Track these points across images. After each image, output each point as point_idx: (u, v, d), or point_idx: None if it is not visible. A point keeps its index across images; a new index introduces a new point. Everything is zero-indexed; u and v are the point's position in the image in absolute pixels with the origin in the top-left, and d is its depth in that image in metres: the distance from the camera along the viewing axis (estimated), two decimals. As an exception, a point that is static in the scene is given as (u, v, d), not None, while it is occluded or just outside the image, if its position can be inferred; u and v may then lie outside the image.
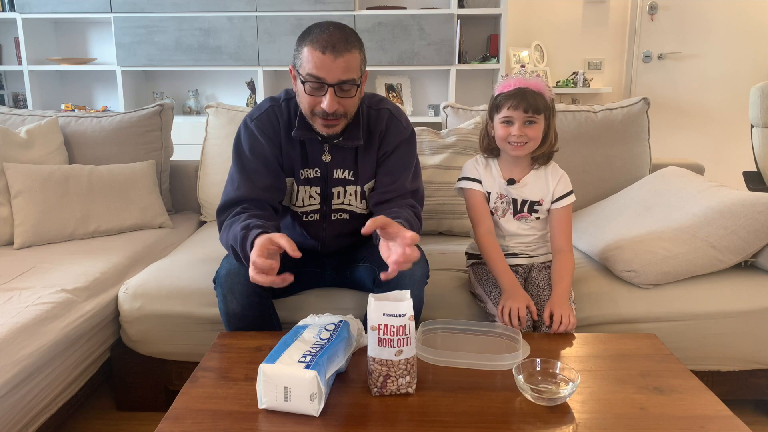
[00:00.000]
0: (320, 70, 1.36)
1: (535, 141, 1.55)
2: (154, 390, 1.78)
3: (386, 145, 1.55)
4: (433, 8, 3.64)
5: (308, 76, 1.38)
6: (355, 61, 1.39)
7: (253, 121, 1.53)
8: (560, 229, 1.62)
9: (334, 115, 1.41)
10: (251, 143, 1.52)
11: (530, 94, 1.51)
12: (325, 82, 1.37)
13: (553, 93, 1.58)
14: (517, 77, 1.54)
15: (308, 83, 1.39)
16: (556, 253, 1.62)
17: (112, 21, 3.59)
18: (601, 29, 4.05)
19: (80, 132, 2.32)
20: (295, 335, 1.19)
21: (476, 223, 1.64)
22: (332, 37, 1.36)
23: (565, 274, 1.56)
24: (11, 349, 1.35)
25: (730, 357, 1.70)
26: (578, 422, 1.06)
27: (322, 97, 1.39)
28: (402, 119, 1.58)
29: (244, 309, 1.46)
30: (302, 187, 1.56)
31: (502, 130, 1.55)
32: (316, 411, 1.07)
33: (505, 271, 1.55)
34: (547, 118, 1.55)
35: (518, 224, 1.64)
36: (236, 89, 3.97)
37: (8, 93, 4.03)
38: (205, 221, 2.40)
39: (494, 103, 1.57)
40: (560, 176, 1.64)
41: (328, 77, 1.37)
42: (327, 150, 1.53)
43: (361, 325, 1.32)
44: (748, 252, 1.74)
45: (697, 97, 4.12)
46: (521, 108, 1.50)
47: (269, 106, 1.54)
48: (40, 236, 1.99)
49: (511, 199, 1.63)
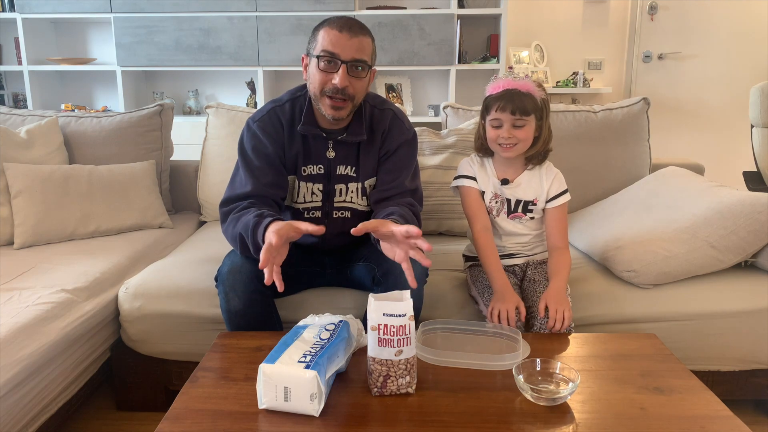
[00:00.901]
0: (335, 47, 1.42)
1: (525, 142, 1.56)
2: (154, 390, 1.78)
3: (388, 144, 1.57)
4: (433, 8, 3.64)
5: (323, 51, 1.43)
6: (368, 45, 1.46)
7: (256, 122, 1.56)
8: (556, 228, 1.63)
9: (343, 94, 1.44)
10: (254, 143, 1.54)
11: (518, 95, 1.50)
12: (339, 58, 1.42)
13: (546, 93, 1.57)
14: (505, 79, 1.54)
15: (323, 59, 1.43)
16: (553, 250, 1.62)
17: (112, 21, 3.59)
18: (601, 29, 4.05)
19: (80, 132, 2.32)
20: (295, 335, 1.19)
21: (472, 219, 1.64)
22: (349, 21, 1.44)
23: (562, 269, 1.56)
24: (11, 349, 1.35)
25: (730, 357, 1.70)
26: (578, 422, 1.06)
27: (334, 74, 1.43)
28: (405, 121, 1.61)
29: (245, 307, 1.46)
30: (304, 183, 1.57)
31: (491, 132, 1.56)
32: (316, 411, 1.07)
33: (497, 270, 1.55)
34: (539, 119, 1.55)
35: (513, 223, 1.64)
36: (236, 89, 3.97)
37: (8, 93, 4.03)
38: (205, 221, 2.40)
39: (485, 104, 1.58)
40: (554, 175, 1.64)
41: (343, 54, 1.42)
42: (331, 146, 1.55)
43: (361, 325, 1.32)
44: (748, 252, 1.74)
45: (697, 97, 4.12)
46: (508, 110, 1.51)
47: (271, 107, 1.58)
48: (40, 236, 1.99)
49: (505, 199, 1.63)
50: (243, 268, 1.47)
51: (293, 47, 3.59)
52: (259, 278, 1.47)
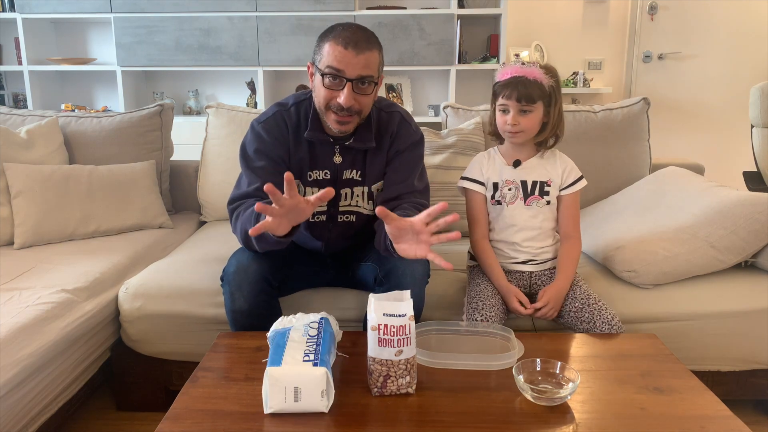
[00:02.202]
0: (341, 63, 1.38)
1: (532, 129, 1.57)
2: (154, 390, 1.78)
3: (397, 146, 1.56)
4: (433, 8, 3.64)
5: (328, 68, 1.39)
6: (374, 60, 1.43)
7: (260, 123, 1.54)
8: (569, 215, 1.64)
9: (349, 111, 1.42)
10: (258, 144, 1.52)
11: (524, 83, 1.52)
12: (345, 76, 1.39)
13: (556, 80, 1.58)
14: (513, 66, 1.55)
15: (327, 76, 1.40)
16: (565, 239, 1.64)
17: (112, 21, 3.59)
18: (601, 29, 4.05)
19: (80, 132, 2.31)
20: (283, 337, 1.19)
21: (473, 225, 1.66)
22: (355, 35, 1.39)
23: (570, 263, 1.60)
24: (11, 349, 1.36)
25: (730, 357, 1.70)
26: (578, 422, 1.06)
27: (339, 92, 1.40)
28: (413, 123, 1.61)
29: (251, 307, 1.46)
30: (309, 188, 1.56)
31: (499, 118, 1.59)
32: (326, 407, 1.07)
33: (498, 273, 1.61)
34: (547, 105, 1.56)
35: (528, 213, 1.62)
36: (236, 89, 3.97)
37: (8, 93, 4.03)
38: (205, 221, 2.40)
39: (493, 90, 1.61)
40: (567, 163, 1.65)
41: (348, 71, 1.38)
42: (338, 151, 1.54)
43: (335, 320, 1.32)
44: (748, 252, 1.74)
45: (697, 97, 4.12)
46: (514, 97, 1.52)
47: (276, 110, 1.55)
48: (40, 236, 1.99)
49: (519, 182, 1.63)
50: (249, 268, 1.46)
51: (293, 47, 3.59)
52: (266, 279, 1.48)
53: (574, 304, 1.55)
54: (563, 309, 1.57)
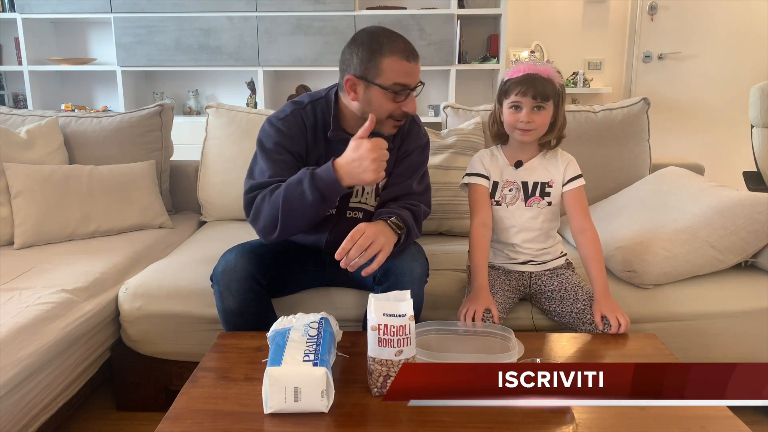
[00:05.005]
0: (408, 77, 1.44)
1: (543, 127, 1.55)
2: (154, 390, 1.78)
3: (406, 146, 1.59)
4: (433, 8, 3.64)
5: (396, 85, 1.44)
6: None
7: (280, 120, 1.55)
8: (578, 208, 1.60)
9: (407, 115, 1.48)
10: (276, 138, 1.52)
11: (539, 80, 1.50)
12: (410, 88, 1.46)
13: (563, 80, 1.58)
14: (527, 63, 1.54)
15: (397, 92, 1.44)
16: (580, 233, 1.59)
17: (112, 21, 3.59)
18: (601, 29, 4.05)
19: (80, 132, 2.31)
20: (283, 337, 1.19)
21: (474, 212, 1.63)
22: (406, 44, 1.47)
23: (599, 267, 1.54)
24: (11, 349, 1.36)
25: (730, 357, 1.70)
26: (578, 422, 1.06)
27: (404, 101, 1.46)
28: (421, 126, 1.66)
29: (240, 306, 1.47)
30: None
31: (510, 116, 1.55)
32: (326, 407, 1.07)
33: (482, 268, 1.55)
34: (557, 104, 1.55)
35: (528, 214, 1.61)
36: (236, 89, 3.97)
37: (8, 93, 4.03)
38: (205, 221, 2.40)
39: (503, 88, 1.57)
40: (569, 160, 1.64)
41: (412, 82, 1.46)
42: None
43: (335, 320, 1.32)
44: (748, 252, 1.74)
45: (697, 97, 4.12)
46: (530, 94, 1.50)
47: (294, 108, 1.57)
48: (40, 236, 1.99)
49: (520, 183, 1.62)
50: (237, 267, 1.47)
51: (293, 47, 3.59)
52: (254, 277, 1.48)
53: (576, 304, 1.55)
54: (564, 309, 1.57)
